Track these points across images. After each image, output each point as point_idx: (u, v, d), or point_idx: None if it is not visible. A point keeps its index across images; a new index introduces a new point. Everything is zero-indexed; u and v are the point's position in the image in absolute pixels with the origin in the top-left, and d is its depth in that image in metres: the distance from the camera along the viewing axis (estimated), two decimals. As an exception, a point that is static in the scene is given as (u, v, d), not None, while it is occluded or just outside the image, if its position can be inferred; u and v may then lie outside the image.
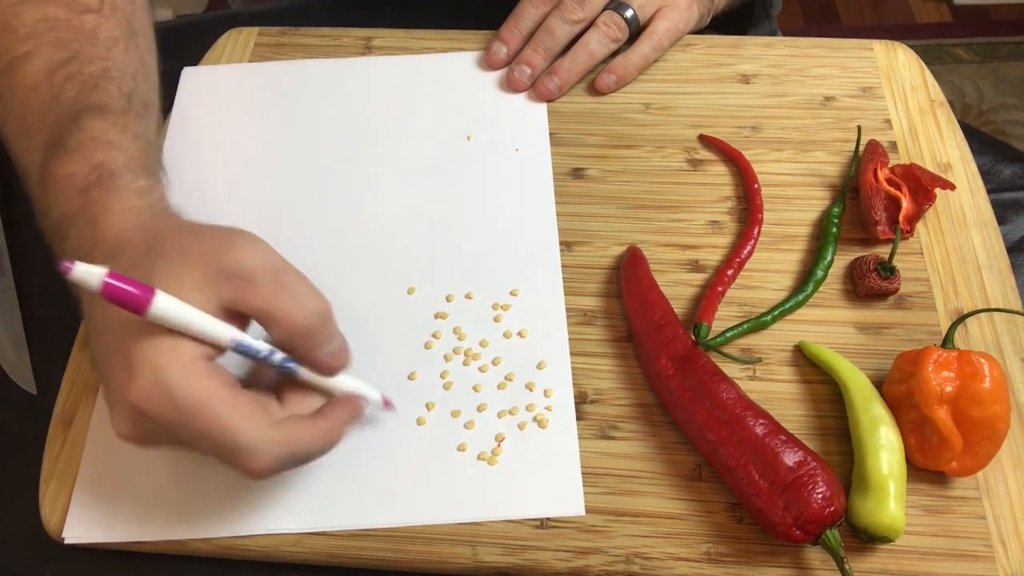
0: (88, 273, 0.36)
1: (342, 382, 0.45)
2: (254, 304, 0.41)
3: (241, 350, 0.41)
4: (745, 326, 0.53)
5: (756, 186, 0.59)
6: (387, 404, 0.49)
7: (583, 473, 0.49)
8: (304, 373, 0.43)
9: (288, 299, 0.41)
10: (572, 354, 0.53)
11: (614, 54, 0.65)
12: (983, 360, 0.46)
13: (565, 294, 0.55)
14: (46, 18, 0.53)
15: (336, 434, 0.43)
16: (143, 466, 0.49)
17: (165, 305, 0.38)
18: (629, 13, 0.65)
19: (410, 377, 0.52)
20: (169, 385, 0.38)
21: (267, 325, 0.41)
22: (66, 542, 0.48)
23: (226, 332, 0.40)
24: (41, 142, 0.48)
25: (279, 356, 0.42)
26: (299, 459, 0.42)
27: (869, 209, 0.57)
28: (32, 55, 0.51)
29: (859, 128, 0.62)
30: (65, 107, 0.49)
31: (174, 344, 0.39)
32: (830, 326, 0.54)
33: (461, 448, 0.49)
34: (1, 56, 0.52)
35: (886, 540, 0.45)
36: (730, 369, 0.51)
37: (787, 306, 0.54)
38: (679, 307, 0.55)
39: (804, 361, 0.53)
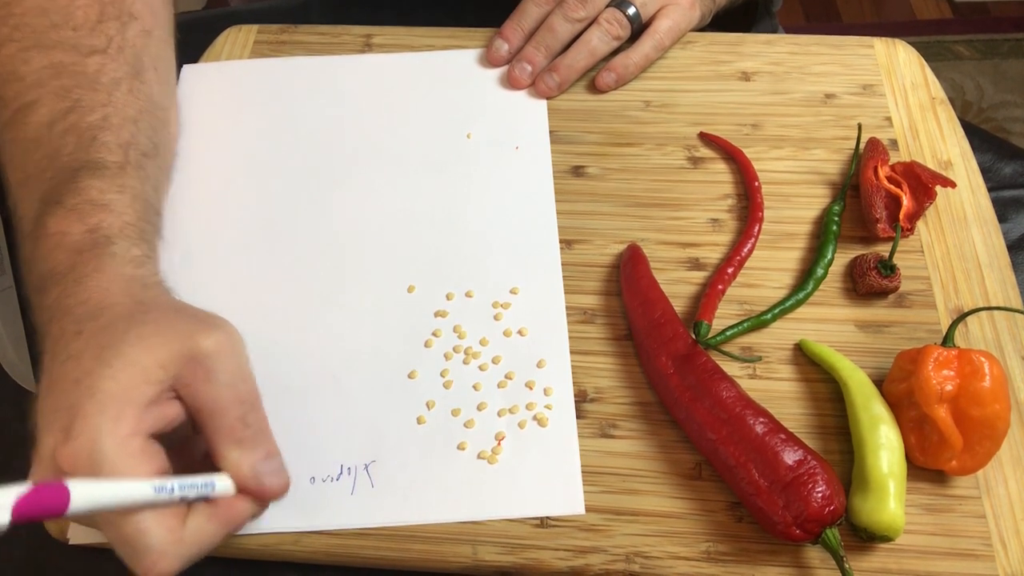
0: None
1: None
2: (202, 395, 0.40)
3: (161, 499, 0.38)
4: (745, 324, 0.53)
5: (756, 184, 0.59)
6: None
7: (583, 472, 0.49)
8: (217, 490, 0.41)
9: (231, 397, 0.40)
10: (572, 352, 0.53)
11: (615, 52, 0.65)
12: (983, 359, 0.46)
13: (565, 292, 0.55)
14: (52, 64, 0.51)
15: (240, 521, 0.41)
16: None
17: (82, 497, 0.35)
18: (631, 11, 0.64)
19: (410, 376, 0.52)
20: (100, 455, 0.37)
21: (204, 418, 0.41)
22: (70, 542, 0.47)
23: (145, 489, 0.37)
24: (37, 196, 0.48)
25: (194, 493, 0.40)
26: (204, 553, 0.40)
27: (869, 207, 0.57)
28: (36, 105, 0.50)
29: (859, 126, 0.62)
30: (63, 163, 0.48)
31: (119, 413, 0.38)
32: (830, 324, 0.54)
33: (461, 447, 0.49)
34: (8, 105, 0.51)
35: (886, 539, 0.45)
36: (730, 368, 0.51)
37: (787, 304, 0.54)
38: (679, 305, 0.55)
39: (804, 360, 0.53)
